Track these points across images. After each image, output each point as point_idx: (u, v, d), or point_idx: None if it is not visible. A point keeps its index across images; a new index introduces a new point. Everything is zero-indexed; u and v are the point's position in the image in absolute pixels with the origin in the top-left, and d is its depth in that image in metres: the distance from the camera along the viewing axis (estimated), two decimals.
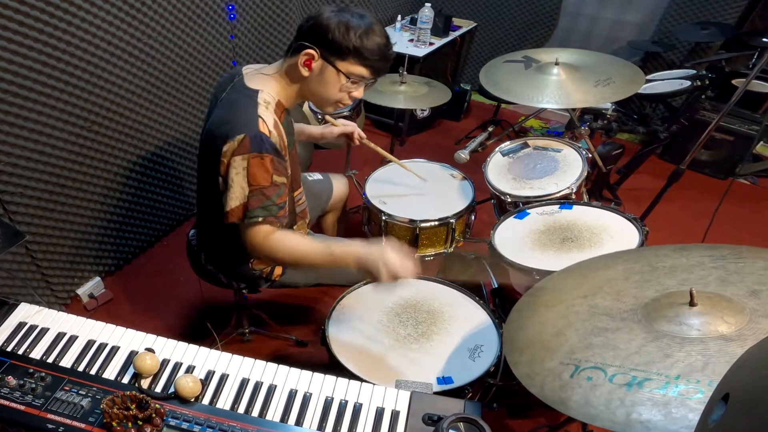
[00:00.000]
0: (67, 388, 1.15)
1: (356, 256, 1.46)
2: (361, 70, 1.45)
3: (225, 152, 1.41)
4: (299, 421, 1.14)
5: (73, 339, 1.28)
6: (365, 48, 1.40)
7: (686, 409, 0.80)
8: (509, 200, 2.03)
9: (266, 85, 1.51)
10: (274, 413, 1.15)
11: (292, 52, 1.47)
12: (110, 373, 1.21)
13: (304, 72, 1.46)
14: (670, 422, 0.80)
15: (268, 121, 1.44)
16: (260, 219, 1.43)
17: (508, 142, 2.29)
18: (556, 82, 2.07)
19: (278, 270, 1.84)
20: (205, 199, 1.66)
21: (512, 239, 1.83)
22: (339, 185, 2.32)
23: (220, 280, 1.88)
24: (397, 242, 1.45)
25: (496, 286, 1.93)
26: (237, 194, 1.42)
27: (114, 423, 1.05)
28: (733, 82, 3.20)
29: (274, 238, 1.47)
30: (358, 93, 1.53)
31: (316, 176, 2.30)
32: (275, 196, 1.44)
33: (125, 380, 1.19)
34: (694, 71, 3.02)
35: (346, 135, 2.12)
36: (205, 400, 1.16)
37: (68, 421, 1.08)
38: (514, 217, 1.92)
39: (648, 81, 2.98)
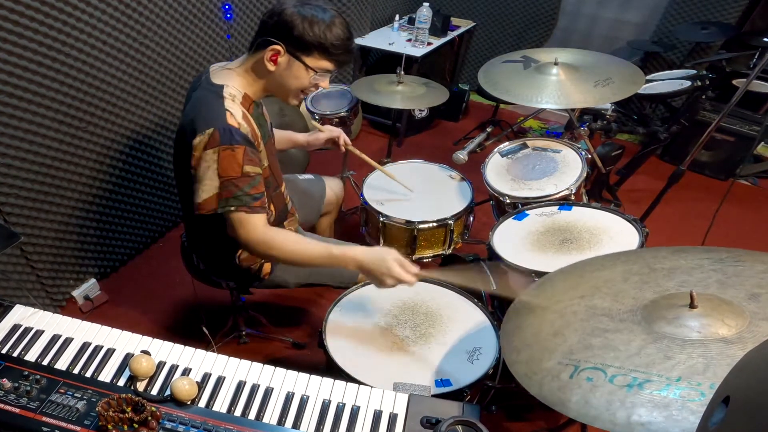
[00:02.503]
0: (62, 390, 1.14)
1: (358, 259, 1.48)
2: (326, 64, 1.49)
3: (196, 146, 1.44)
4: (296, 424, 1.13)
5: (68, 341, 1.27)
6: (330, 43, 1.44)
7: (687, 411, 0.80)
8: (508, 201, 2.02)
9: (231, 80, 1.54)
10: (271, 416, 1.15)
11: (257, 47, 1.50)
12: (106, 376, 1.20)
13: (270, 67, 1.49)
14: (671, 424, 0.79)
15: (236, 113, 1.47)
16: (232, 208, 1.46)
17: (506, 143, 2.28)
18: (555, 82, 2.06)
19: (267, 267, 1.84)
20: (186, 196, 1.67)
21: (511, 241, 1.82)
22: (333, 186, 2.32)
23: (213, 279, 1.88)
24: (395, 253, 1.47)
25: (495, 288, 1.92)
26: (207, 186, 1.45)
27: (110, 426, 1.04)
28: (734, 82, 3.19)
29: (269, 233, 1.51)
30: (324, 84, 1.57)
31: (307, 176, 2.30)
32: (247, 186, 1.46)
33: (121, 383, 1.19)
34: (695, 71, 3.01)
35: (333, 141, 2.11)
36: (202, 403, 1.16)
37: (63, 424, 1.07)
38: (513, 219, 1.92)
39: (648, 81, 2.97)
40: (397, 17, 4.18)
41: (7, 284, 2.20)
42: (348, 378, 1.39)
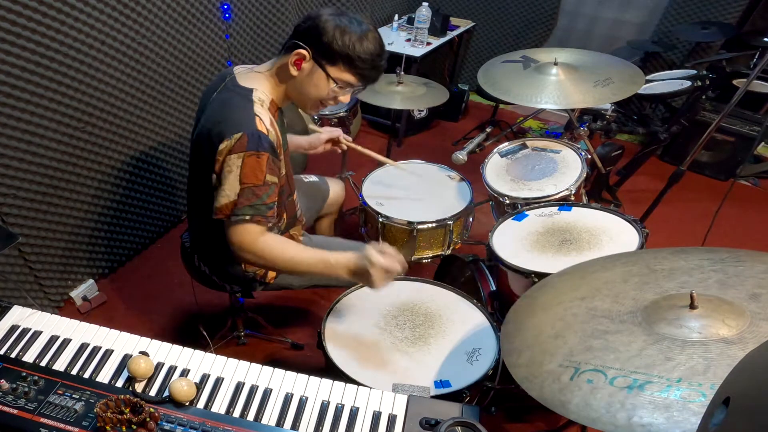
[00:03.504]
0: (60, 391, 1.14)
1: (347, 265, 1.44)
2: (349, 77, 1.45)
3: (221, 150, 1.40)
4: (295, 426, 1.13)
5: (66, 342, 1.27)
6: (357, 56, 1.40)
7: (688, 413, 0.80)
8: (507, 202, 2.01)
9: (259, 84, 1.50)
10: (269, 417, 1.14)
11: (286, 50, 1.47)
12: (104, 377, 1.20)
13: (293, 71, 1.45)
14: (672, 425, 0.79)
15: (264, 119, 1.44)
16: (247, 217, 1.42)
17: (506, 143, 2.28)
18: (554, 82, 2.06)
19: (272, 273, 1.82)
20: (197, 199, 1.65)
21: (510, 241, 1.81)
22: (335, 189, 2.31)
23: (215, 282, 1.87)
24: (379, 243, 1.43)
25: (494, 288, 1.92)
26: (227, 191, 1.41)
27: (108, 427, 1.04)
28: (734, 82, 3.18)
29: (264, 239, 1.47)
30: (344, 98, 1.53)
31: (312, 178, 2.28)
32: (265, 195, 1.43)
33: (119, 384, 1.18)
34: (695, 71, 3.00)
35: (332, 140, 2.10)
36: (200, 404, 1.15)
37: (61, 425, 1.07)
38: (513, 219, 1.91)
39: (648, 81, 2.96)
40: (396, 17, 4.18)
41: (5, 285, 2.19)
42: (347, 379, 1.39)
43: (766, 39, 3.27)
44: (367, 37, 1.40)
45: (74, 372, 1.20)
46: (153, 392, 1.17)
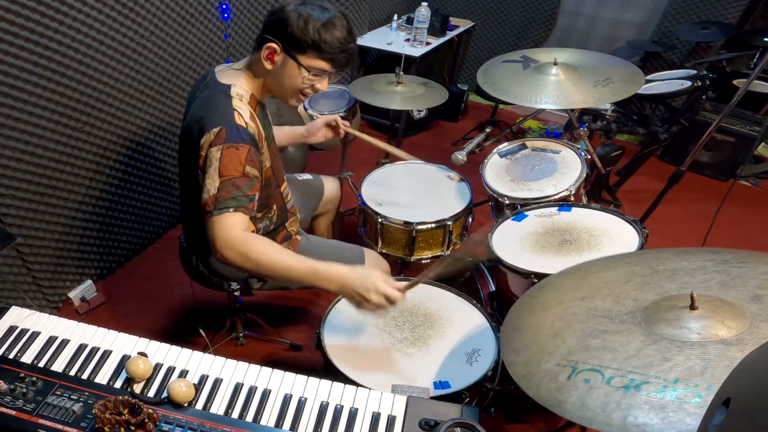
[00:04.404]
0: (58, 392, 1.14)
1: (341, 280, 1.38)
2: (321, 64, 1.47)
3: (202, 145, 1.43)
4: (294, 427, 1.13)
5: (64, 343, 1.27)
6: (324, 41, 1.42)
7: (683, 414, 0.79)
8: (507, 202, 2.01)
9: (237, 80, 1.54)
10: (268, 418, 1.14)
11: (257, 45, 1.50)
12: (102, 378, 1.20)
13: (267, 65, 1.48)
14: (666, 426, 0.79)
15: (243, 113, 1.46)
16: (231, 209, 1.39)
17: (505, 144, 2.27)
18: (554, 82, 2.06)
19: None
20: (188, 197, 1.66)
21: (510, 242, 1.81)
22: (330, 186, 2.31)
23: (213, 282, 1.87)
24: (381, 272, 1.41)
25: (494, 289, 1.91)
26: (209, 186, 1.42)
27: (106, 428, 1.04)
28: (734, 82, 3.17)
29: (250, 236, 1.42)
30: (321, 86, 1.55)
31: (306, 176, 2.28)
32: (246, 187, 1.43)
33: (117, 385, 1.19)
34: (695, 71, 3.00)
35: (329, 125, 2.07)
36: (199, 405, 1.15)
37: (60, 426, 1.07)
38: (512, 220, 1.91)
39: (648, 81, 2.96)
40: (395, 17, 4.18)
41: (3, 285, 2.19)
42: (346, 380, 1.38)
43: (766, 39, 3.26)
44: (332, 22, 1.43)
45: (72, 373, 1.20)
46: (151, 393, 1.17)
